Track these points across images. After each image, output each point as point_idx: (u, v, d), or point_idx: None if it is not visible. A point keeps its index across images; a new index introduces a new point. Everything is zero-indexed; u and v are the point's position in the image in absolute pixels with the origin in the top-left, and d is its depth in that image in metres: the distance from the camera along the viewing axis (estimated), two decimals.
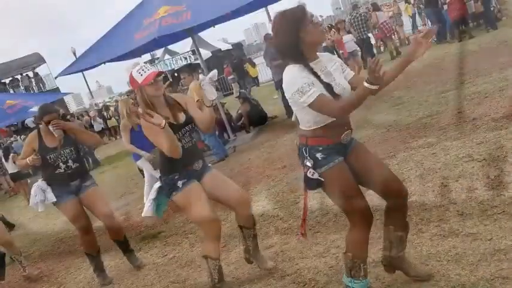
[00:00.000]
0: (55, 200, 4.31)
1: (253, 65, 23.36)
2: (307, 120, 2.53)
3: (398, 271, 2.78)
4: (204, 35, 16.69)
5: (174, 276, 4.06)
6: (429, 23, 13.79)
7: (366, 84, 2.28)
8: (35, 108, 18.39)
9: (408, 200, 2.63)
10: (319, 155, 2.51)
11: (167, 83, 11.25)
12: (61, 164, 4.29)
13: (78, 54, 17.55)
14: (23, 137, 15.89)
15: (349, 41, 11.03)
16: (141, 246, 5.10)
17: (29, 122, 22.13)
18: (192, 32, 9.50)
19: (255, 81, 23.37)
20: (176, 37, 10.11)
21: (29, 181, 12.39)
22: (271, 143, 8.04)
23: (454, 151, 4.49)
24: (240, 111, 10.46)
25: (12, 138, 18.39)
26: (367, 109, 7.87)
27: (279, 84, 10.97)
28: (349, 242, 2.62)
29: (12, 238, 5.69)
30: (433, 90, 7.34)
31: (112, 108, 24.89)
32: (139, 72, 3.14)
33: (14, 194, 13.40)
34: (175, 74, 14.05)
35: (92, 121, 22.83)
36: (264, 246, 3.95)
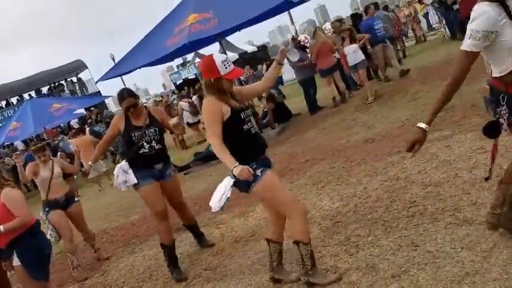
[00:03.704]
0: (136, 181, 3.97)
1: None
2: (507, 63, 2.16)
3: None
4: (231, 38, 16.72)
5: None
6: (444, 21, 13.53)
7: None
8: (79, 111, 18.89)
9: (426, 190, 2.53)
10: None
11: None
12: (145, 143, 3.97)
13: (116, 60, 17.89)
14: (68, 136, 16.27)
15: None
16: None
17: (74, 123, 22.65)
18: (219, 36, 9.56)
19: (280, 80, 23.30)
20: (205, 41, 10.18)
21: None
22: (295, 138, 8.03)
23: (467, 143, 4.40)
24: (265, 109, 10.48)
25: (59, 138, 18.91)
26: (384, 105, 7.79)
27: (301, 83, 10.94)
28: None
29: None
30: None
31: None
32: (225, 65, 2.93)
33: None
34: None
35: None
36: (286, 236, 3.96)
